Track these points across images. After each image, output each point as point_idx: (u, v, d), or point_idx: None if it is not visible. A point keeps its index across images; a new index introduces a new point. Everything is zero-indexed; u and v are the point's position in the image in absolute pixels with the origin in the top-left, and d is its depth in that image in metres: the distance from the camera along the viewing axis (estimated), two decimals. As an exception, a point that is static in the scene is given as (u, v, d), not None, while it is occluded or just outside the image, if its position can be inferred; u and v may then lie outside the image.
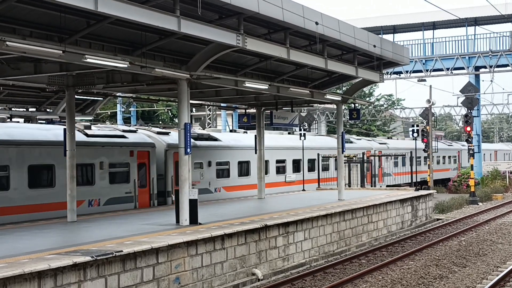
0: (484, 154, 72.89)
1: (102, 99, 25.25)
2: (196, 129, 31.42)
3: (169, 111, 63.33)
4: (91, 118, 32.09)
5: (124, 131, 24.92)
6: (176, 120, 45.22)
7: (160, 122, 62.41)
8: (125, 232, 16.00)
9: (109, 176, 22.83)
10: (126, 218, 19.59)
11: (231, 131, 37.71)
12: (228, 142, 29.69)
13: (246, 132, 33.86)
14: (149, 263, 13.70)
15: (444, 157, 58.10)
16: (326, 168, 36.92)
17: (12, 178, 19.41)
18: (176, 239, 14.50)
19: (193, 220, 17.25)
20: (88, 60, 14.43)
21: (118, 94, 24.59)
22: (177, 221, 17.37)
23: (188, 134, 17.37)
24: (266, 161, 30.45)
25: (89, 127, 23.34)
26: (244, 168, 30.17)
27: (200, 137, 27.76)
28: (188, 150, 17.38)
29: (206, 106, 43.22)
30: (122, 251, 12.94)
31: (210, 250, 15.54)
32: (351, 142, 41.78)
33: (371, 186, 37.05)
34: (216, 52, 17.20)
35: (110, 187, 22.79)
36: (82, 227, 17.38)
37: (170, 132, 26.98)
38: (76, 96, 20.35)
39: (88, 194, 21.82)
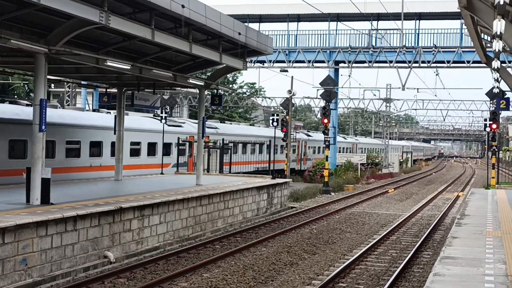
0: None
1: (-50, 68, 23.77)
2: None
3: (26, 86, 60.72)
4: None
5: None
6: (33, 95, 43.55)
7: (15, 97, 59.71)
8: (-30, 210, 15.18)
9: None
10: (-28, 195, 18.60)
11: (94, 110, 36.53)
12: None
13: (110, 113, 32.70)
14: (-6, 243, 13.09)
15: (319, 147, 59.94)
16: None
17: None
18: (25, 219, 13.94)
19: (45, 200, 16.69)
20: None
21: (-31, 64, 23.22)
22: (28, 200, 16.72)
23: (44, 110, 16.74)
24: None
25: None
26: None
27: None
28: (43, 127, 16.75)
29: (65, 83, 41.80)
30: (-35, 230, 12.27)
31: (61, 231, 15.08)
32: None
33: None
34: (77, 27, 16.66)
35: None
36: None
37: None
38: None
39: None
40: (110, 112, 32.38)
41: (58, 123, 25.89)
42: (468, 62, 45.44)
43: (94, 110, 36.16)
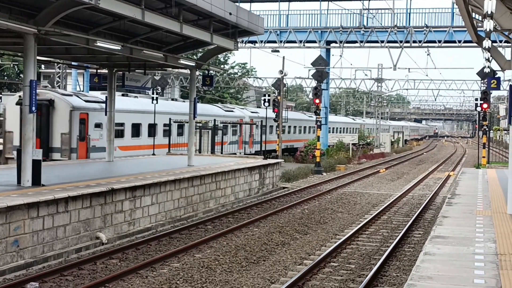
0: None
1: None
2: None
3: (16, 67, 60.35)
4: None
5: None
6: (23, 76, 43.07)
7: (5, 78, 59.40)
8: (-39, 192, 15.15)
9: None
10: (-37, 177, 18.54)
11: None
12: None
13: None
14: (-15, 225, 13.07)
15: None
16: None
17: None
18: (16, 201, 13.92)
19: (36, 181, 16.64)
20: None
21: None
22: (19, 181, 16.68)
23: (34, 91, 16.64)
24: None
25: None
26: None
27: None
28: (33, 108, 16.66)
29: (55, 64, 41.59)
30: (-45, 212, 12.23)
31: (52, 213, 15.06)
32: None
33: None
34: (67, 7, 16.53)
35: None
36: None
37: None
38: None
39: None
40: (184, 101, 38.21)
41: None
42: (459, 41, 45.40)
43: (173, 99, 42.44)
